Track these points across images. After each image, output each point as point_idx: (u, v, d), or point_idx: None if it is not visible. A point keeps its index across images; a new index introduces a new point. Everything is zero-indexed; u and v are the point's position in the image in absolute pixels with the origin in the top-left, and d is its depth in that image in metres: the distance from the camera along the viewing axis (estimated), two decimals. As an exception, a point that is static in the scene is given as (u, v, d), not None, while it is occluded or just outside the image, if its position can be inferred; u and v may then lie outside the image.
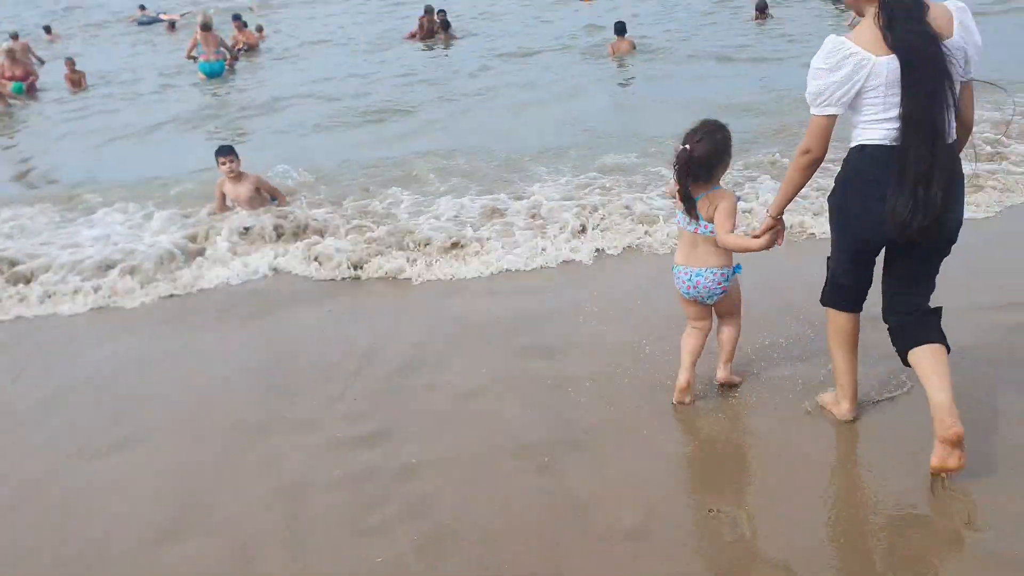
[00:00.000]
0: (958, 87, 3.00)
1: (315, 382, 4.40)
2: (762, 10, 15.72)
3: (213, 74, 14.93)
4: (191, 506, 3.51)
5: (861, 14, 3.10)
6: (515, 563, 3.00)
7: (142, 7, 25.08)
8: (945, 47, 2.93)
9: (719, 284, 3.75)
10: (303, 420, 4.05)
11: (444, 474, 3.53)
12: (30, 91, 15.02)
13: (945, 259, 3.24)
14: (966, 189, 3.26)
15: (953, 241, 3.18)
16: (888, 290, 3.36)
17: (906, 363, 3.30)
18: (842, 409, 3.64)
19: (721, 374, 3.98)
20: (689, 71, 12.34)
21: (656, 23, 16.35)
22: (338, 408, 4.13)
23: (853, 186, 3.18)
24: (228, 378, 4.60)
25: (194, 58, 15.14)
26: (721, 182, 3.72)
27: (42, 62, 16.51)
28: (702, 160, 3.56)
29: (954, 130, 3.06)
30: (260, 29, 18.70)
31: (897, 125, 2.98)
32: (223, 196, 7.24)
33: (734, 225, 3.61)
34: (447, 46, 16.33)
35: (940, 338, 3.22)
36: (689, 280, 3.77)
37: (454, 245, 6.17)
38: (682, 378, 3.86)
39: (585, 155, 8.17)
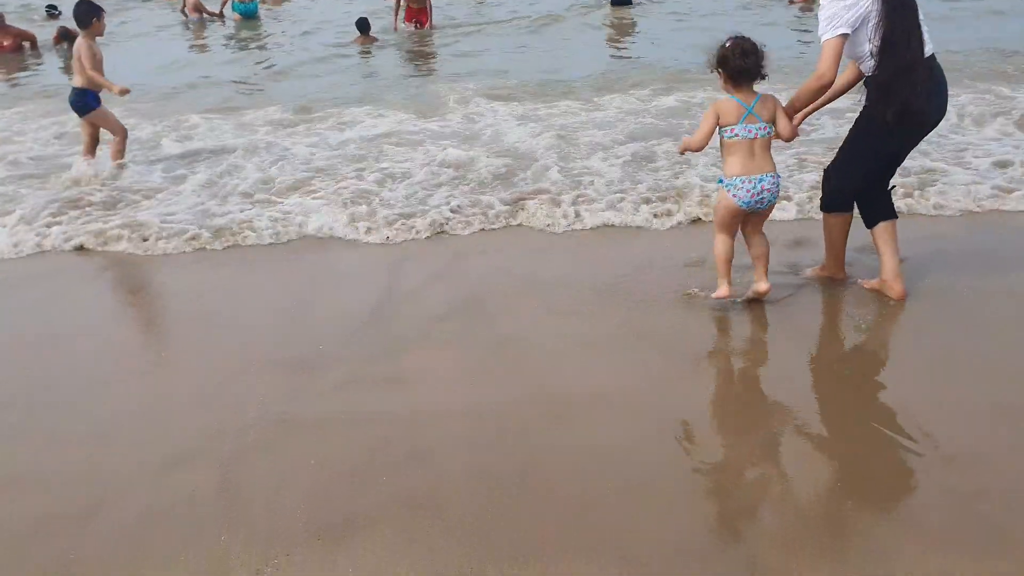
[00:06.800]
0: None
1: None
2: None
3: (248, 14, 14.87)
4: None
5: None
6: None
7: None
8: None
9: (777, 187, 4.05)
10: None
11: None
12: None
13: None
14: None
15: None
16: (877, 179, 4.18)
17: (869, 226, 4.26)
18: (840, 276, 4.39)
19: (764, 285, 4.14)
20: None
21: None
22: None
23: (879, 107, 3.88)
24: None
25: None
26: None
27: None
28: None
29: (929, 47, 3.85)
30: None
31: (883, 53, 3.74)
32: None
33: None
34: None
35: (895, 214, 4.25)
36: (754, 187, 3.94)
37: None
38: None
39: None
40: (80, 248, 5.58)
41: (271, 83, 10.61)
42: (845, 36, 3.75)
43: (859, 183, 4.14)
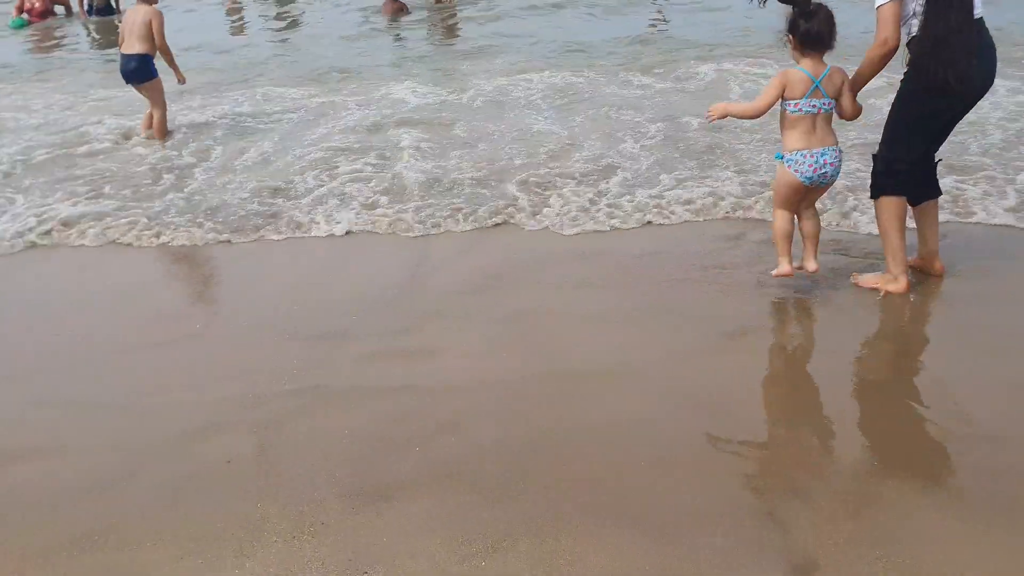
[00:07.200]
0: None
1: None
2: None
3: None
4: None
5: None
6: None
7: None
8: None
9: (840, 161, 3.90)
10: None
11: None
12: None
13: None
14: None
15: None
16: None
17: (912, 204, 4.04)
18: (901, 284, 3.97)
19: (813, 264, 4.04)
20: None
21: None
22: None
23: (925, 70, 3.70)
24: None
25: None
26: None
27: None
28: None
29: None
30: None
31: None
32: None
33: None
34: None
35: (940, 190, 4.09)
36: (816, 161, 3.81)
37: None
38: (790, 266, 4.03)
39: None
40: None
41: (299, 58, 10.55)
42: (900, 1, 3.63)
43: (911, 157, 3.90)
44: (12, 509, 2.93)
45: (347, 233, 5.27)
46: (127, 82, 7.09)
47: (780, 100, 3.82)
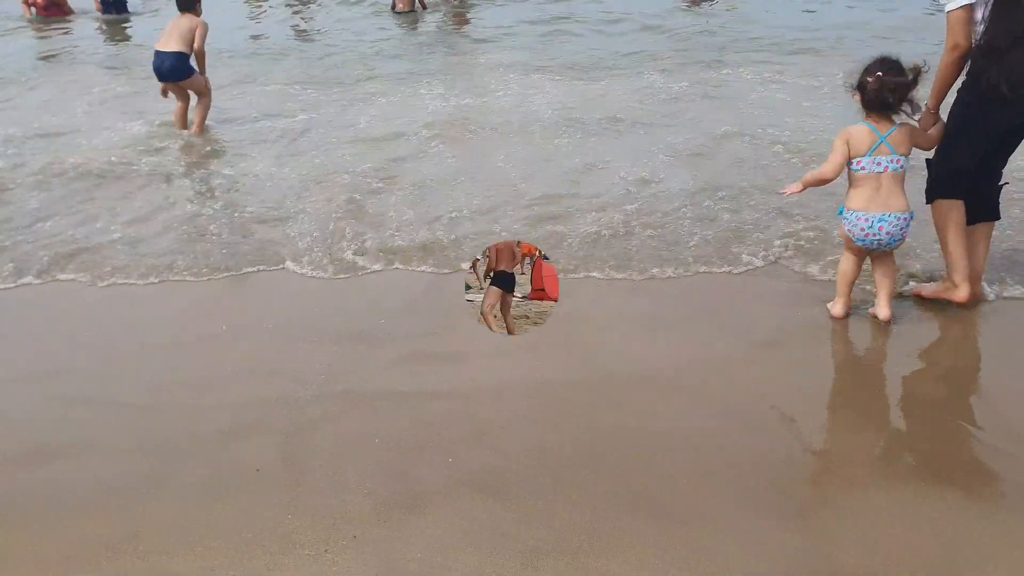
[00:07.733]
0: None
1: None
2: None
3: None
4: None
5: None
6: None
7: None
8: None
9: (902, 229, 3.69)
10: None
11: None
12: None
13: None
14: None
15: None
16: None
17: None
18: (962, 292, 3.86)
19: (885, 311, 3.81)
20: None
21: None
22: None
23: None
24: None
25: None
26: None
27: None
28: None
29: None
30: None
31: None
32: None
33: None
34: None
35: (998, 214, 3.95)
36: (870, 227, 3.66)
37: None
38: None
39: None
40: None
41: (312, 60, 10.36)
42: (971, 7, 3.55)
43: (966, 165, 3.76)
44: (33, 512, 2.88)
45: (352, 274, 4.71)
46: (161, 80, 6.97)
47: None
